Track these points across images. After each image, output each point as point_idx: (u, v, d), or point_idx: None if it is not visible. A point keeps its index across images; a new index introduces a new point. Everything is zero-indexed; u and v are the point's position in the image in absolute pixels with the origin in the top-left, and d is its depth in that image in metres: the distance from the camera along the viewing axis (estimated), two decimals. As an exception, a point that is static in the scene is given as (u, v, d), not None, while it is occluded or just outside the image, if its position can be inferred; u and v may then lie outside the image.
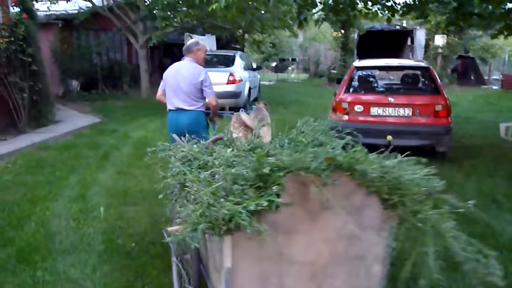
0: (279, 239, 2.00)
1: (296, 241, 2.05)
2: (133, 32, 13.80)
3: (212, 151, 2.47)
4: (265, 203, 1.80)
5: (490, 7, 7.49)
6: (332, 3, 7.56)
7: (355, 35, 19.81)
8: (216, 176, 2.07)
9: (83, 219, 4.25)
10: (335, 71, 19.89)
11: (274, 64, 34.77)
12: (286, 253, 2.04)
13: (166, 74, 4.58)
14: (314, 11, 8.28)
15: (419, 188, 2.02)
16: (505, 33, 7.84)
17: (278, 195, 1.84)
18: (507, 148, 7.30)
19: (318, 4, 7.87)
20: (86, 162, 6.32)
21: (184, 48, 4.60)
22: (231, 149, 2.42)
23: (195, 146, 2.60)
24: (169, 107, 4.64)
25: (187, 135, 2.78)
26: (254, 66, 14.63)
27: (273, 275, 2.07)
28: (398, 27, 19.98)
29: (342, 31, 19.33)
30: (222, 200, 1.81)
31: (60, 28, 13.19)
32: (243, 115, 2.77)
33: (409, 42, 20.42)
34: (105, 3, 13.74)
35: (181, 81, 4.42)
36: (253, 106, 3.33)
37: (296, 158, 1.92)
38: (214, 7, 6.19)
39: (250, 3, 6.93)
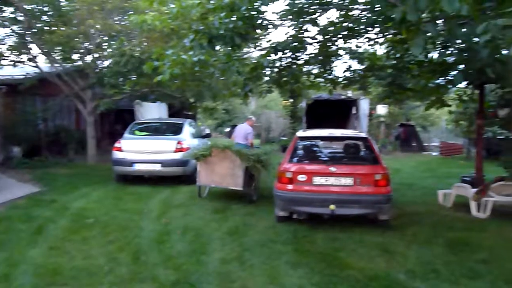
0: (211, 165, 8.41)
1: (216, 166, 8.37)
2: (82, 99, 13.67)
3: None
4: (205, 153, 8.36)
5: (422, 81, 8.07)
6: (275, 76, 7.88)
7: (303, 104, 20.58)
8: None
9: (3, 303, 3.90)
10: (285, 138, 20.38)
11: (227, 129, 35.26)
12: (213, 169, 8.40)
13: (236, 129, 10.26)
14: (259, 83, 8.58)
15: (248, 156, 8.03)
16: (437, 105, 8.41)
17: (210, 154, 8.32)
18: (445, 215, 7.55)
19: (263, 76, 8.21)
20: (16, 237, 5.91)
21: (245, 119, 10.67)
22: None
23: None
24: (235, 142, 9.20)
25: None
26: (207, 132, 14.73)
27: (209, 175, 8.48)
28: (343, 97, 20.99)
29: (291, 100, 20.07)
30: (196, 151, 8.57)
31: (4, 93, 12.84)
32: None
33: (354, 111, 21.42)
34: (53, 69, 13.66)
35: (240, 132, 9.90)
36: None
37: (217, 144, 8.43)
38: (159, 79, 6.33)
39: (195, 75, 7.09)
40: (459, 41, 4.86)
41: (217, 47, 6.48)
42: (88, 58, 13.54)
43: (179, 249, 5.60)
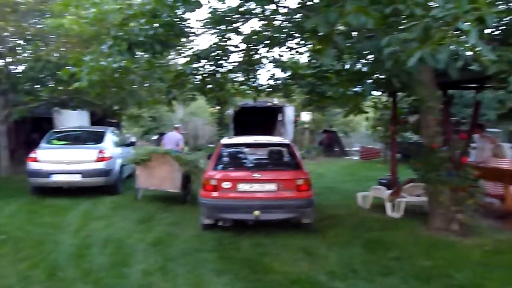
0: (150, 169, 9.04)
1: (155, 170, 8.98)
2: (-8, 106, 12.69)
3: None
4: (146, 158, 9.02)
5: (340, 90, 8.48)
6: (199, 83, 7.88)
7: (230, 111, 20.71)
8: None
9: None
10: (212, 145, 20.35)
11: (155, 137, 34.50)
12: (153, 173, 9.03)
13: (165, 136, 11.40)
14: (183, 90, 8.54)
15: (186, 160, 8.88)
16: (355, 112, 8.87)
17: (150, 159, 9.00)
18: (364, 216, 7.94)
19: (187, 84, 8.18)
20: None
21: (173, 127, 11.92)
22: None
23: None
24: (166, 148, 9.92)
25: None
26: (132, 140, 14.28)
27: (148, 178, 9.11)
28: (269, 104, 21.39)
29: (218, 107, 20.12)
30: (136, 157, 9.27)
31: None
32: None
33: (280, 118, 21.92)
34: (-41, 74, 12.56)
35: (171, 139, 10.87)
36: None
37: (157, 150, 9.51)
38: (77, 85, 6.08)
39: (116, 81, 6.89)
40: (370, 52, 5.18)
41: (140, 54, 6.37)
42: (0, 63, 12.63)
43: (100, 262, 5.38)
